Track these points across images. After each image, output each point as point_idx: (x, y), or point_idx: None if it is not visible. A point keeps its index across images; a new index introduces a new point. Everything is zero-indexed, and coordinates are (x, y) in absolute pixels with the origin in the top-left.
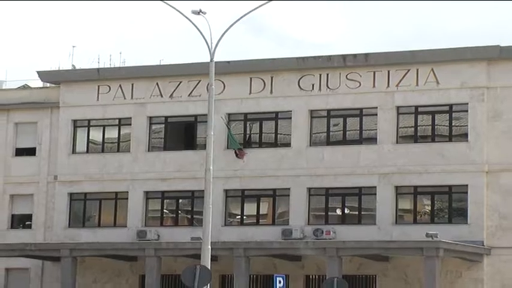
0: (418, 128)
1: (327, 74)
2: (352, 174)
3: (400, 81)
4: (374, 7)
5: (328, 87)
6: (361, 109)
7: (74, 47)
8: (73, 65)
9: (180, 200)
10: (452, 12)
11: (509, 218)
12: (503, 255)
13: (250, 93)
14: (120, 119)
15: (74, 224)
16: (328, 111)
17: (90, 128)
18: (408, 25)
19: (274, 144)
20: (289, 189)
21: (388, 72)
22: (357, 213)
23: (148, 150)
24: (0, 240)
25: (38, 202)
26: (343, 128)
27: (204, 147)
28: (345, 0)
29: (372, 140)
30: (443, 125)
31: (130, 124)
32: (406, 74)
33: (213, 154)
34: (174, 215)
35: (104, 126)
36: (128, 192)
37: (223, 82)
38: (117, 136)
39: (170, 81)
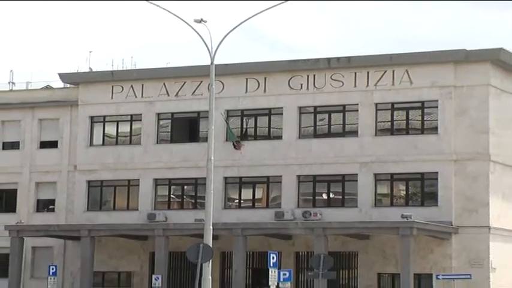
0: (394, 122)
1: (314, 75)
2: (336, 163)
3: (378, 81)
4: (355, 15)
5: (315, 87)
6: (344, 106)
7: (90, 52)
8: (90, 68)
9: (185, 187)
10: (425, 20)
11: (474, 201)
12: (469, 233)
13: (246, 92)
14: (131, 115)
15: (91, 207)
16: (315, 107)
17: (105, 123)
18: (385, 31)
19: (268, 137)
20: (281, 176)
21: (368, 73)
22: (340, 197)
23: (157, 143)
24: (27, 222)
25: (60, 189)
26: (328, 122)
27: (205, 139)
28: (329, 9)
29: (354, 133)
30: (416, 120)
31: (140, 120)
32: (383, 74)
33: (213, 146)
34: (180, 200)
35: (117, 122)
36: (139, 179)
37: (222, 82)
38: (129, 130)
39: (176, 82)
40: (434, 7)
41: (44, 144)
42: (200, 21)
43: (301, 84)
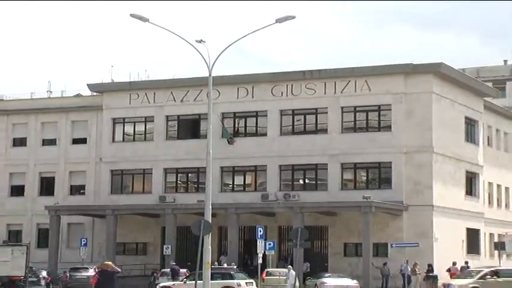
0: (356, 122)
1: (292, 84)
2: (310, 155)
3: (343, 89)
4: (323, 36)
5: (293, 94)
6: (316, 109)
7: (112, 66)
8: (112, 79)
9: (189, 174)
10: (380, 39)
11: (420, 185)
12: (416, 210)
13: (237, 98)
14: (145, 117)
15: (114, 191)
16: (293, 110)
17: (125, 124)
18: (348, 48)
19: (255, 134)
20: (266, 166)
21: (335, 82)
22: (314, 182)
23: (166, 139)
24: (63, 203)
25: (89, 176)
26: (303, 122)
27: (205, 136)
28: (302, 31)
29: (324, 130)
30: (374, 120)
31: (153, 121)
32: (347, 84)
33: (211, 142)
34: (185, 185)
35: (134, 123)
36: (152, 169)
37: (218, 90)
38: (143, 129)
39: (181, 90)
40: (388, 29)
41: (76, 141)
42: (200, 41)
43: (282, 92)
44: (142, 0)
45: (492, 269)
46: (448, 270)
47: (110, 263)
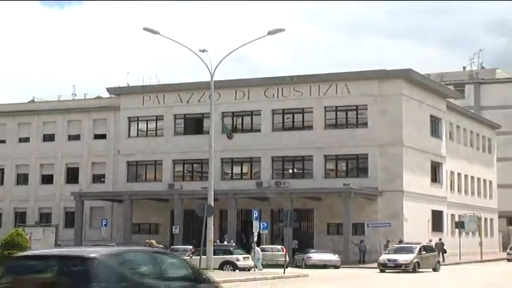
0: (337, 119)
1: (282, 88)
2: (298, 148)
3: (326, 91)
4: (308, 46)
5: (283, 96)
6: (303, 108)
7: (128, 72)
8: (127, 83)
9: (194, 165)
10: (356, 49)
11: (392, 174)
12: (389, 195)
13: (235, 99)
14: (156, 116)
15: (130, 180)
16: (283, 110)
17: (139, 122)
18: (329, 56)
19: (251, 130)
20: (260, 157)
21: (319, 86)
22: (301, 171)
23: (174, 135)
24: (86, 190)
25: (108, 167)
26: (292, 120)
27: (208, 132)
28: (289, 42)
29: (310, 127)
30: (353, 118)
31: (163, 119)
32: (329, 87)
33: (213, 137)
34: (191, 174)
35: (147, 121)
36: (162, 160)
37: (219, 93)
38: (155, 126)
39: (187, 93)
40: (363, 40)
41: (97, 137)
42: (203, 50)
43: (273, 94)
44: (153, 14)
45: (423, 244)
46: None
47: (153, 241)
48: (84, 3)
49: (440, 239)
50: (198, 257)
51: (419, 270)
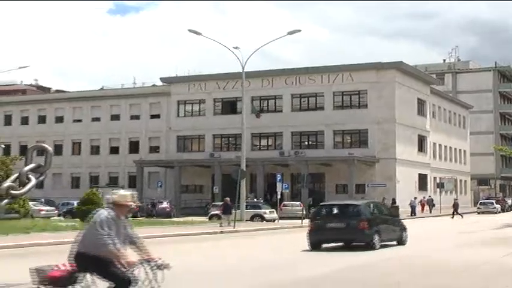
0: (343, 102)
1: (299, 76)
2: (312, 124)
3: (334, 79)
4: (319, 42)
5: (300, 83)
6: (316, 93)
7: (176, 66)
8: (176, 74)
9: (230, 138)
10: (356, 45)
11: (387, 145)
12: (385, 162)
13: (262, 86)
14: (199, 100)
15: (179, 150)
16: (300, 94)
17: (186, 104)
18: (335, 51)
19: (274, 110)
20: (282, 132)
21: (328, 75)
22: (315, 143)
23: (214, 115)
24: (145, 159)
25: (162, 140)
26: (307, 102)
27: (240, 112)
28: (304, 40)
29: (321, 108)
30: (355, 101)
31: (204, 102)
32: (337, 76)
33: (245, 116)
34: (227, 145)
35: (192, 104)
36: (204, 135)
37: (249, 81)
38: (198, 108)
39: (223, 81)
40: (363, 39)
41: (153, 116)
42: (236, 48)
43: (292, 82)
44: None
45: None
46: (420, 201)
47: (228, 199)
48: (141, 12)
49: (430, 196)
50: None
51: None
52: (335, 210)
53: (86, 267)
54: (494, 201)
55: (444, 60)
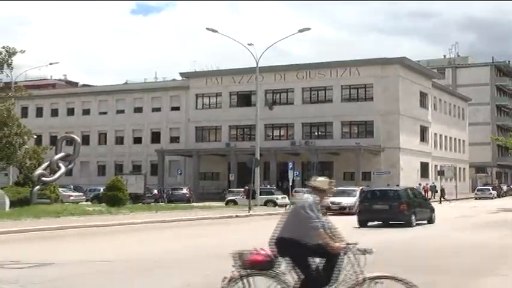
0: (351, 95)
1: (309, 71)
2: (321, 116)
3: (343, 74)
4: (327, 41)
5: (310, 77)
6: (325, 87)
7: (195, 61)
8: (195, 69)
9: (245, 129)
10: (363, 42)
11: (392, 135)
12: (389, 151)
13: (275, 80)
14: (216, 93)
15: (197, 140)
16: (310, 88)
17: (203, 97)
18: (342, 47)
19: (286, 103)
20: (293, 123)
21: (337, 70)
22: (324, 133)
23: (230, 107)
24: (165, 148)
25: (181, 131)
26: (317, 95)
27: (254, 105)
28: (315, 37)
29: (330, 100)
30: (362, 94)
31: (221, 95)
32: (344, 70)
33: (258, 108)
34: (242, 136)
35: (209, 96)
36: (221, 126)
37: (262, 75)
38: (215, 101)
39: (238, 75)
40: (368, 36)
41: (173, 108)
42: (250, 44)
43: (303, 76)
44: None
45: (362, 188)
46: (423, 187)
47: (250, 185)
48: (161, 12)
49: (433, 183)
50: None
51: None
52: (379, 195)
53: (285, 253)
54: (490, 188)
55: (445, 55)
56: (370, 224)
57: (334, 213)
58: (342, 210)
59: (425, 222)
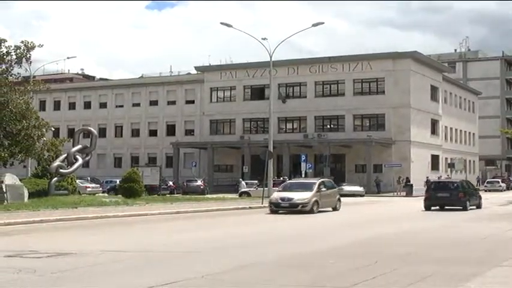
0: (363, 88)
1: (322, 65)
2: (333, 109)
3: (355, 68)
4: (339, 34)
5: (322, 71)
6: (337, 80)
7: (209, 56)
8: (209, 63)
9: (258, 122)
10: (374, 36)
11: (403, 128)
12: (400, 144)
13: (288, 74)
14: (230, 87)
15: (212, 133)
16: (323, 81)
17: (218, 91)
18: (354, 41)
19: (299, 96)
20: (306, 116)
21: (349, 64)
22: (336, 126)
23: (243, 100)
24: (180, 141)
25: (196, 124)
26: (329, 89)
27: (268, 98)
28: (326, 32)
29: (342, 94)
30: (374, 87)
31: (235, 89)
32: (357, 64)
33: (272, 101)
34: (256, 129)
35: (223, 90)
36: (235, 119)
37: (276, 69)
38: (229, 94)
39: (252, 69)
40: (379, 30)
41: (188, 102)
42: (264, 39)
43: (316, 70)
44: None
45: (321, 180)
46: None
47: (285, 177)
48: (175, 8)
49: (448, 175)
50: (262, 188)
51: (320, 209)
52: (441, 185)
53: None
54: (500, 180)
55: (455, 49)
56: (432, 208)
57: (285, 211)
58: (293, 208)
59: (475, 207)
